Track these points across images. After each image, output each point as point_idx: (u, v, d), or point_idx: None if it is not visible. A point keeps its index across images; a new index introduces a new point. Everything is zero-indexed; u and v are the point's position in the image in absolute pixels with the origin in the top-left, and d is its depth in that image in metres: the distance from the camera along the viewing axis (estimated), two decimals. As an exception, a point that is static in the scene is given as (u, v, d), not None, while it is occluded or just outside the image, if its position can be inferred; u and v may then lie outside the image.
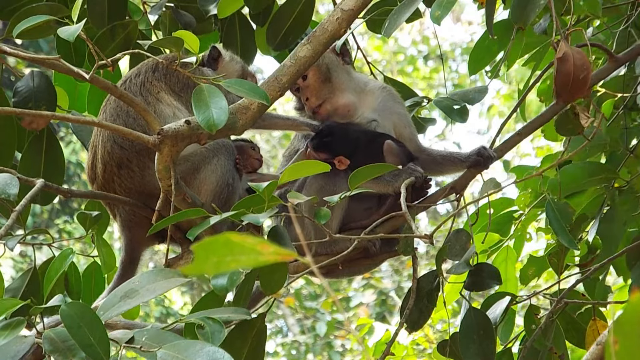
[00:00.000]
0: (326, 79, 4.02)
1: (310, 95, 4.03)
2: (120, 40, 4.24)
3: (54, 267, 3.62)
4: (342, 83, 4.05)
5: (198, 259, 1.36)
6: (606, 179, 4.31)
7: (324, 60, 4.01)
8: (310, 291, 13.07)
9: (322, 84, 4.02)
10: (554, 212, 3.80)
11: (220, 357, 2.48)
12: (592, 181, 4.27)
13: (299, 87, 4.07)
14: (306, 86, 4.03)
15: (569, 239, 3.78)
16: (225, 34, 4.45)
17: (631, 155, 4.39)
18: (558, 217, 3.79)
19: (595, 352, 2.91)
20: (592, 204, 4.39)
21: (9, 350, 2.61)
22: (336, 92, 4.03)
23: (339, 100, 4.03)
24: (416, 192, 3.85)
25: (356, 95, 4.06)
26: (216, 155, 3.80)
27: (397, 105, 4.09)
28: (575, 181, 4.12)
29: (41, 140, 4.06)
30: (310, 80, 4.02)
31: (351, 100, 4.03)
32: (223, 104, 3.15)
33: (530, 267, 4.50)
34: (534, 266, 4.49)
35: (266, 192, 3.06)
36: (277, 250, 1.34)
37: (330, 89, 4.03)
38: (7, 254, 4.14)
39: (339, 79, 4.04)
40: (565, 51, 3.44)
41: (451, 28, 17.31)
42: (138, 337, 2.65)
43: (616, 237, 4.31)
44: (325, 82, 4.02)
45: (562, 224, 3.77)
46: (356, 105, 4.04)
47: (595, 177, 4.25)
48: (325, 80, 4.02)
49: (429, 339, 7.69)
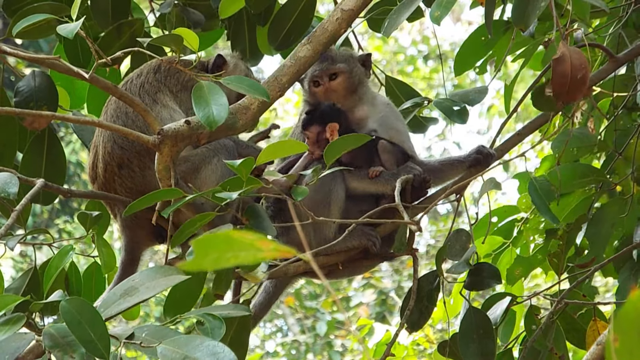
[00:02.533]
0: (354, 89, 4.00)
1: (337, 101, 3.97)
2: (126, 39, 4.24)
3: (54, 264, 3.62)
4: (363, 96, 4.04)
5: (197, 255, 1.36)
6: (595, 181, 4.31)
7: (356, 70, 4.00)
8: (310, 291, 13.07)
9: (349, 94, 3.99)
10: (535, 189, 3.80)
11: (220, 351, 2.49)
12: (581, 183, 4.27)
13: (320, 83, 4.01)
14: (332, 89, 3.99)
15: (551, 215, 3.77)
16: (232, 33, 4.45)
17: (620, 157, 4.38)
18: (540, 193, 3.78)
19: (595, 352, 2.91)
20: (581, 205, 4.39)
21: (9, 346, 2.61)
22: (357, 104, 4.02)
23: (358, 112, 4.01)
24: (416, 192, 3.84)
25: (369, 107, 4.06)
26: (217, 155, 3.81)
27: (397, 123, 4.09)
28: (564, 183, 4.12)
29: (42, 140, 4.06)
30: (339, 86, 3.98)
31: (366, 114, 4.03)
32: (223, 101, 3.15)
33: (517, 267, 4.49)
34: (520, 266, 4.48)
35: (242, 169, 3.03)
36: (277, 247, 1.34)
37: (354, 100, 4.01)
38: (7, 254, 4.14)
39: (362, 92, 4.03)
40: (562, 52, 3.44)
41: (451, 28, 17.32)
42: (138, 333, 2.66)
43: (604, 238, 4.31)
44: (352, 93, 4.00)
45: (543, 200, 3.76)
46: (368, 117, 4.03)
47: (584, 178, 4.25)
48: (352, 91, 4.00)
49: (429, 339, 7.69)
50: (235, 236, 1.33)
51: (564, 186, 4.11)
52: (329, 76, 3.96)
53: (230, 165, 3.06)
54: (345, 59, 3.99)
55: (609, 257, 4.22)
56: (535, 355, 3.99)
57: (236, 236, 1.33)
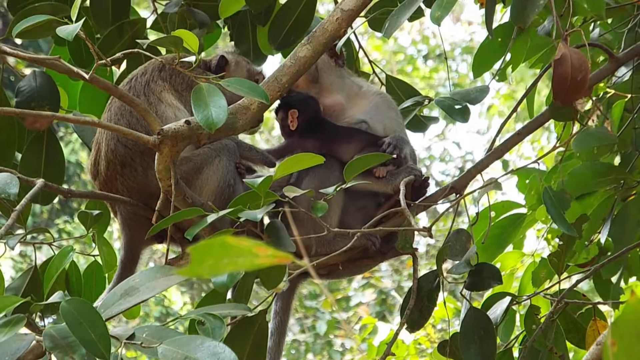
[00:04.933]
0: (314, 79, 4.04)
1: (300, 90, 4.04)
2: (128, 39, 4.24)
3: (54, 264, 3.62)
4: (331, 85, 4.06)
5: (194, 261, 1.35)
6: (616, 180, 4.29)
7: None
8: (310, 290, 13.06)
9: (309, 84, 4.05)
10: (551, 199, 3.79)
11: (221, 351, 2.48)
12: (602, 182, 4.24)
13: None
14: (295, 85, 4.04)
15: (567, 225, 3.77)
16: (236, 34, 4.45)
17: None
18: (555, 204, 3.78)
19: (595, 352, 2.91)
20: (603, 205, 4.37)
21: (9, 347, 2.61)
22: (323, 92, 4.06)
23: (324, 101, 4.05)
24: (415, 192, 3.85)
25: (346, 97, 4.07)
26: (218, 155, 3.81)
27: (390, 111, 4.08)
28: (585, 182, 4.10)
29: (41, 140, 4.06)
30: (299, 81, 4.03)
31: (338, 102, 4.05)
32: (222, 103, 3.15)
33: (542, 270, 4.48)
34: (545, 268, 4.47)
35: (262, 188, 3.05)
36: (274, 252, 1.33)
37: (318, 89, 4.06)
38: (7, 254, 4.14)
39: (327, 80, 4.06)
40: (563, 53, 3.44)
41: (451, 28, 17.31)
42: (139, 333, 2.65)
43: (629, 237, 4.28)
44: (313, 83, 4.05)
45: (559, 211, 3.76)
46: (344, 106, 4.05)
47: (604, 178, 4.22)
48: (313, 81, 4.05)
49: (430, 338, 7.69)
50: (232, 242, 1.32)
51: (585, 186, 4.09)
52: None
53: (251, 184, 3.07)
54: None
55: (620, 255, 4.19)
56: (535, 355, 3.99)
57: (233, 242, 1.32)
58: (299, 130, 3.98)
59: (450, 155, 15.77)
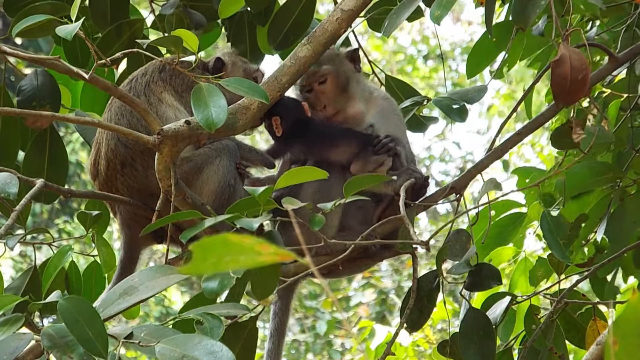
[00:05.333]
0: (344, 88, 3.97)
1: (327, 103, 3.95)
2: (126, 39, 4.23)
3: (53, 264, 3.62)
4: (355, 92, 4.01)
5: (196, 258, 1.35)
6: (613, 179, 4.29)
7: (343, 68, 3.98)
8: (310, 290, 13.06)
9: (339, 94, 3.96)
10: (548, 224, 3.79)
11: (218, 350, 2.48)
12: (599, 181, 4.24)
13: (311, 89, 3.98)
14: (322, 92, 3.96)
15: (562, 252, 3.76)
16: (233, 34, 4.45)
17: (637, 155, 4.36)
18: (552, 229, 3.78)
19: (595, 352, 2.91)
20: (600, 204, 4.36)
21: (8, 346, 2.61)
22: (350, 101, 3.99)
23: (351, 110, 3.98)
24: (415, 192, 3.85)
25: (364, 103, 4.04)
26: (219, 155, 3.81)
27: (393, 117, 4.07)
28: (582, 181, 4.10)
29: (44, 139, 4.06)
30: (328, 88, 3.95)
31: (361, 110, 4.00)
32: (222, 103, 3.15)
33: (539, 269, 4.48)
34: (542, 268, 4.47)
35: (262, 197, 3.04)
36: (277, 250, 1.33)
37: (346, 98, 3.98)
38: (7, 254, 4.15)
39: (353, 89, 4.00)
40: (562, 53, 3.43)
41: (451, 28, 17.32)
42: (137, 332, 2.65)
43: (625, 236, 4.28)
44: (343, 92, 3.97)
45: (556, 237, 3.76)
46: (364, 113, 4.01)
47: (601, 176, 4.22)
48: (343, 90, 3.97)
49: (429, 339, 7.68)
50: (234, 240, 1.32)
51: (582, 185, 4.09)
52: (317, 81, 3.95)
53: (252, 193, 3.06)
54: (330, 60, 3.96)
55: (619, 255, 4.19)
56: (535, 355, 3.99)
57: (235, 240, 1.32)
58: (284, 135, 3.93)
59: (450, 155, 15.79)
